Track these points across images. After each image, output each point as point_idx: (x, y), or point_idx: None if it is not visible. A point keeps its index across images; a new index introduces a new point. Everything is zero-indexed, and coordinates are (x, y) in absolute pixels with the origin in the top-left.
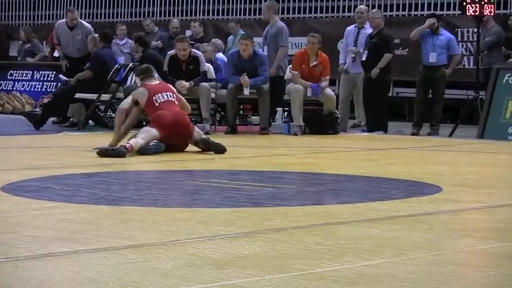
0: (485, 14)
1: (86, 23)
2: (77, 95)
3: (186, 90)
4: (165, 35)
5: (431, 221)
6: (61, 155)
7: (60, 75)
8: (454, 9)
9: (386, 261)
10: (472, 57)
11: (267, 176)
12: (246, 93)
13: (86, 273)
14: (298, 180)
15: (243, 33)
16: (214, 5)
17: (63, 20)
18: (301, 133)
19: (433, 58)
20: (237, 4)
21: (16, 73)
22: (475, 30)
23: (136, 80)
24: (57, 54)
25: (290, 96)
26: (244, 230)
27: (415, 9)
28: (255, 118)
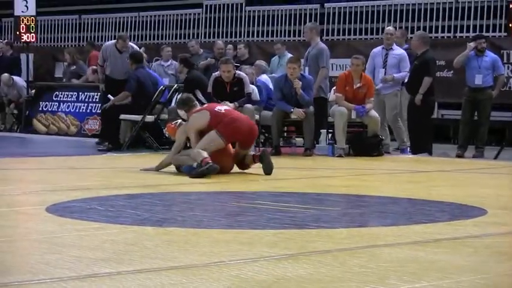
0: None
1: (135, 45)
2: (122, 116)
3: None
4: (210, 56)
5: (476, 244)
6: (105, 176)
7: (109, 95)
8: (500, 31)
9: (431, 284)
10: None
11: (311, 197)
12: (294, 117)
13: None
14: (342, 202)
15: (290, 56)
16: (259, 26)
17: (112, 41)
18: (345, 155)
19: (479, 80)
20: (281, 26)
21: (61, 94)
22: None
23: (180, 113)
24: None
25: (334, 119)
26: (288, 252)
27: (461, 31)
28: (299, 140)
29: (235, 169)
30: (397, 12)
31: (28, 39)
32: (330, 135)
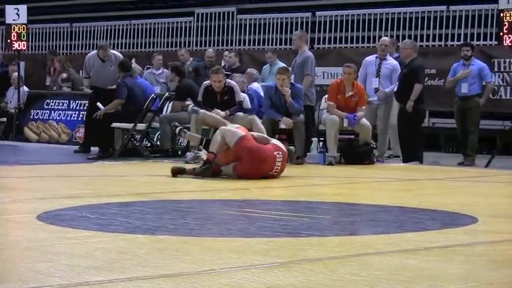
0: None
1: (117, 52)
2: (114, 125)
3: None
4: (200, 64)
5: (468, 252)
6: (96, 184)
7: (99, 103)
8: (490, 39)
9: None
10: (508, 88)
11: (302, 206)
12: (283, 126)
13: None
14: (333, 210)
15: (280, 66)
16: (250, 35)
17: (94, 52)
18: (336, 163)
19: (465, 89)
20: (272, 34)
21: (52, 102)
22: None
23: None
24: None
25: (325, 127)
26: (279, 260)
27: (452, 40)
28: (291, 148)
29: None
30: (389, 21)
31: (19, 47)
32: (321, 144)
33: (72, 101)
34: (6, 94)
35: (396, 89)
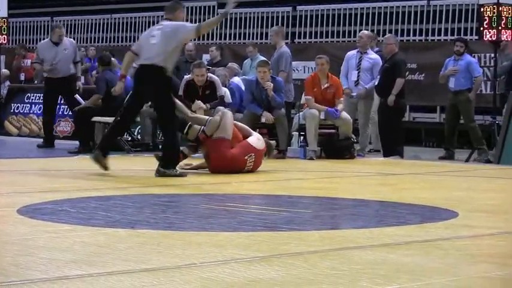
0: (503, 39)
1: (71, 39)
2: (94, 118)
3: (202, 112)
4: (181, 59)
5: (447, 247)
6: (77, 178)
7: (77, 95)
8: (471, 34)
9: (402, 286)
10: (489, 83)
11: (283, 200)
12: (263, 120)
13: None
14: (314, 204)
15: (260, 59)
16: (231, 29)
17: (46, 39)
18: (316, 157)
19: (453, 83)
20: (253, 28)
21: (33, 96)
22: (492, 55)
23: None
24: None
25: (306, 121)
26: (260, 254)
27: (432, 35)
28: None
29: (208, 172)
30: (369, 15)
31: (0, 41)
32: (301, 138)
33: None
34: None
35: (377, 83)
